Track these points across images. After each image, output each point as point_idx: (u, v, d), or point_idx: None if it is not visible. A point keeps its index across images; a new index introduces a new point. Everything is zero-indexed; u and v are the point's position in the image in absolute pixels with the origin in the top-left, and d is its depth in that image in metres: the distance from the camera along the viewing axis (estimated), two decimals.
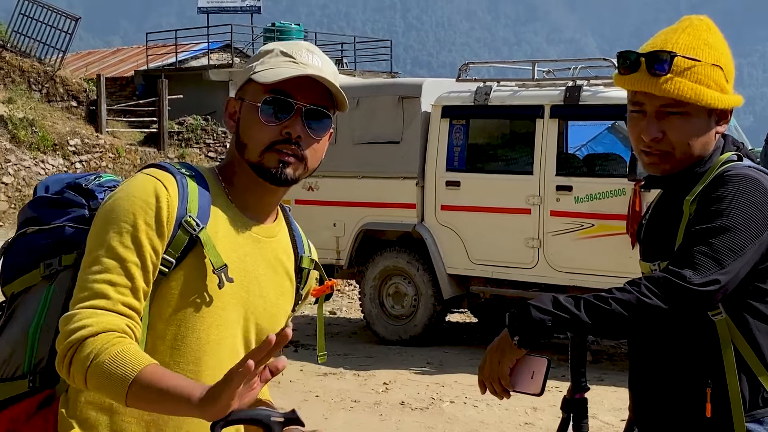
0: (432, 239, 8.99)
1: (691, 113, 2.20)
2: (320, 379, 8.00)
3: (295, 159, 1.89)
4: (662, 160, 2.23)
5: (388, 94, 9.25)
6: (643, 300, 2.03)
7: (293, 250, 2.03)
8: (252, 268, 1.92)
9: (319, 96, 1.89)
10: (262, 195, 1.95)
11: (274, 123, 1.88)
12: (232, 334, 1.89)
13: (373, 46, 31.60)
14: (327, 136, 1.94)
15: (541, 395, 2.11)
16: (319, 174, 9.56)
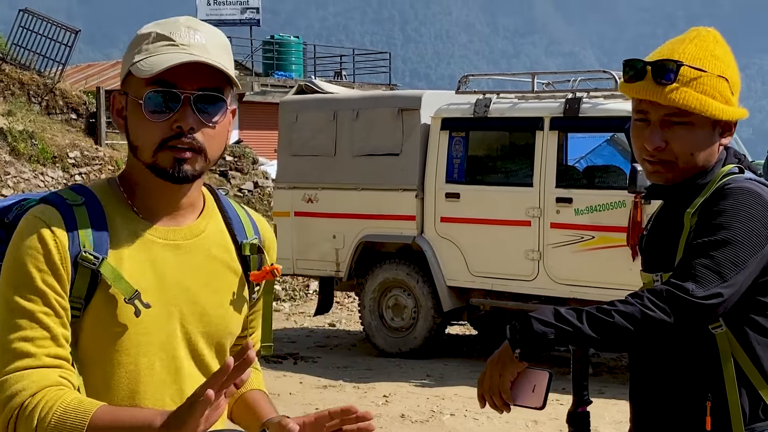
0: (432, 251, 8.98)
1: (695, 124, 2.19)
2: (320, 391, 7.97)
3: (192, 152, 1.73)
4: (665, 170, 2.22)
5: (387, 107, 9.25)
6: (646, 313, 2.01)
7: (232, 239, 1.88)
8: (176, 279, 1.78)
9: (208, 77, 1.73)
10: (169, 197, 1.79)
11: (162, 118, 1.72)
12: (167, 356, 1.77)
13: (372, 59, 31.66)
14: (225, 120, 1.77)
15: (542, 408, 2.09)
16: (319, 186, 9.58)
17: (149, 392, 1.76)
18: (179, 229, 1.81)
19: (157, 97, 1.71)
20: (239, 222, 1.90)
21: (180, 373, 1.78)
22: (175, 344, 1.78)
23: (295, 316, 11.76)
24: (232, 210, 1.92)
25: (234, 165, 23.95)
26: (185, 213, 1.83)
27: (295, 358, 9.18)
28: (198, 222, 1.84)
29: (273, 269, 1.88)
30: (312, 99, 9.86)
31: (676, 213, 2.25)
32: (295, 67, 27.20)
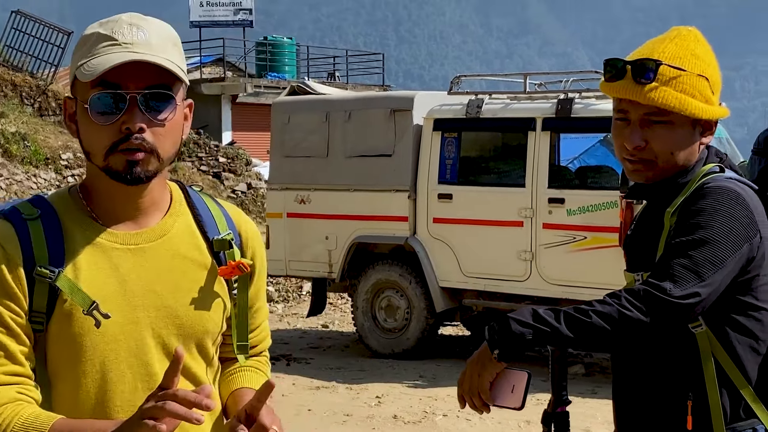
0: (424, 252, 8.97)
1: (675, 123, 2.19)
2: (312, 392, 7.97)
3: (144, 153, 1.70)
4: (645, 169, 2.22)
5: (380, 107, 9.25)
6: (623, 312, 2.01)
7: (203, 236, 1.84)
8: (141, 284, 1.76)
9: (155, 75, 1.69)
10: (127, 199, 1.77)
11: (109, 120, 1.69)
12: (138, 363, 1.75)
13: (365, 60, 31.66)
14: (177, 116, 1.74)
15: (521, 409, 2.09)
16: (311, 187, 9.57)
17: (120, 401, 1.74)
18: (141, 232, 1.78)
19: (103, 100, 1.69)
20: (210, 217, 1.86)
21: (153, 379, 1.75)
22: (146, 350, 1.76)
23: (288, 317, 11.75)
24: (203, 205, 1.88)
25: (227, 166, 23.94)
26: (149, 214, 1.80)
27: (288, 360, 9.17)
28: (163, 222, 1.81)
29: (240, 264, 1.84)
30: (304, 100, 9.86)
31: (657, 213, 2.25)
32: (288, 69, 27.20)
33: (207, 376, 1.85)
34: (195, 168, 23.24)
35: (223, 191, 23.39)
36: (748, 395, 2.17)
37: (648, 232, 2.26)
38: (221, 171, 23.63)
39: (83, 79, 1.68)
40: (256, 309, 1.96)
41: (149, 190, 1.78)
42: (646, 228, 2.29)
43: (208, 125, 25.04)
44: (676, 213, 2.17)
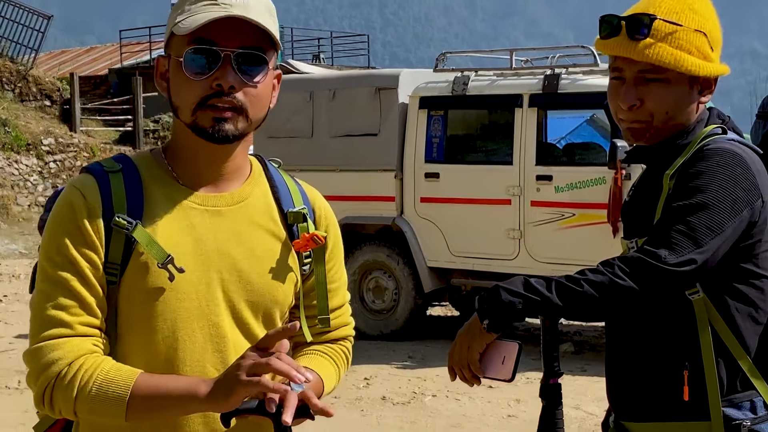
0: (412, 232, 8.88)
1: (671, 80, 2.10)
2: None
3: (233, 112, 1.71)
4: (641, 130, 2.14)
5: (364, 86, 9.12)
6: (615, 281, 1.94)
7: (278, 208, 1.84)
8: (216, 245, 1.75)
9: (250, 37, 1.71)
10: (211, 160, 1.77)
11: (202, 76, 1.70)
12: (208, 323, 1.74)
13: (351, 42, 31.47)
14: (268, 80, 1.75)
15: (512, 381, 2.04)
16: (297, 168, 9.41)
17: (189, 359, 1.73)
18: (221, 195, 1.78)
19: (197, 56, 1.69)
20: (287, 190, 1.86)
21: (223, 341, 1.74)
22: (217, 311, 1.74)
23: None
24: (280, 178, 1.88)
25: None
26: (230, 179, 1.79)
27: None
28: (242, 188, 1.81)
29: (314, 236, 1.82)
30: (287, 79, 9.69)
31: (655, 176, 2.17)
32: None
33: None
34: None
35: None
36: (746, 366, 2.09)
37: (646, 196, 2.17)
38: None
39: (180, 32, 1.69)
40: (330, 290, 1.91)
41: (233, 156, 1.78)
42: (644, 192, 2.20)
43: None
44: (674, 176, 2.08)
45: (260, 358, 1.58)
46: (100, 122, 23.21)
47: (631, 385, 2.18)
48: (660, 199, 2.09)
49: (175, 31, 1.71)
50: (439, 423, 6.48)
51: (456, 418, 6.55)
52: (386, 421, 6.62)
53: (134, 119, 22.58)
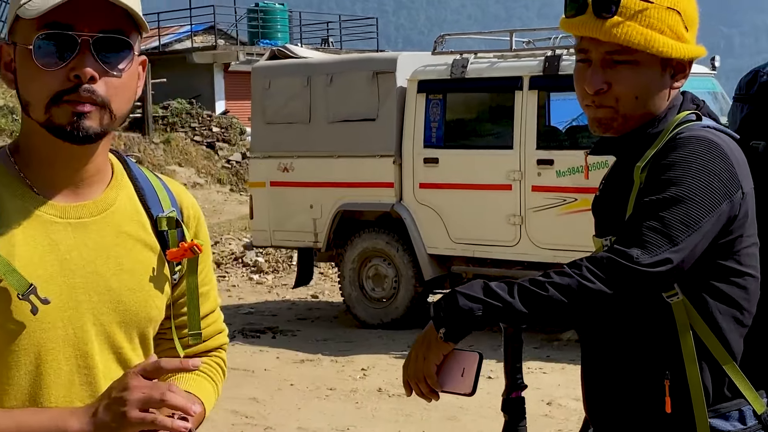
0: (411, 219, 8.71)
1: (640, 62, 1.93)
2: (296, 366, 7.73)
3: (94, 106, 1.48)
4: (608, 117, 1.96)
5: (362, 70, 8.95)
6: (584, 284, 1.77)
7: (146, 213, 1.63)
8: (83, 263, 1.54)
9: (112, 18, 1.48)
10: (70, 163, 1.54)
11: (56, 66, 1.47)
12: (76, 353, 1.54)
13: (360, 25, 31.23)
14: (133, 68, 1.52)
15: (472, 395, 1.86)
16: (294, 154, 9.29)
17: (54, 395, 1.53)
18: (83, 205, 1.56)
19: (50, 42, 1.47)
20: (153, 193, 1.65)
21: (92, 372, 1.55)
22: (85, 339, 1.54)
23: (278, 288, 11.51)
24: (145, 179, 1.66)
25: (221, 136, 23.64)
26: (91, 183, 1.57)
27: (274, 332, 8.93)
28: (106, 194, 1.59)
29: (193, 246, 1.64)
30: (285, 64, 9.55)
31: (626, 169, 1.99)
32: (280, 35, 26.78)
33: None
34: (188, 138, 22.93)
35: (217, 161, 23.11)
36: (732, 372, 1.91)
37: (616, 191, 2.00)
38: (215, 141, 23.33)
39: (27, 15, 1.46)
40: (201, 294, 1.72)
41: (95, 156, 1.55)
42: (614, 187, 2.03)
43: (200, 95, 24.72)
44: (646, 168, 1.91)
45: (149, 389, 1.40)
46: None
47: (608, 397, 2.02)
48: (631, 194, 1.93)
49: (20, 14, 1.48)
50: (435, 415, 6.32)
51: (452, 411, 6.39)
52: (381, 413, 6.47)
53: (143, 106, 22.44)
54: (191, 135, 23.09)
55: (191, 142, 22.97)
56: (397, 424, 6.27)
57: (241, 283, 11.76)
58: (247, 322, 9.42)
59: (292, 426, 6.22)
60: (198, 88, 25.15)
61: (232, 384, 7.18)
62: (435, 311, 1.85)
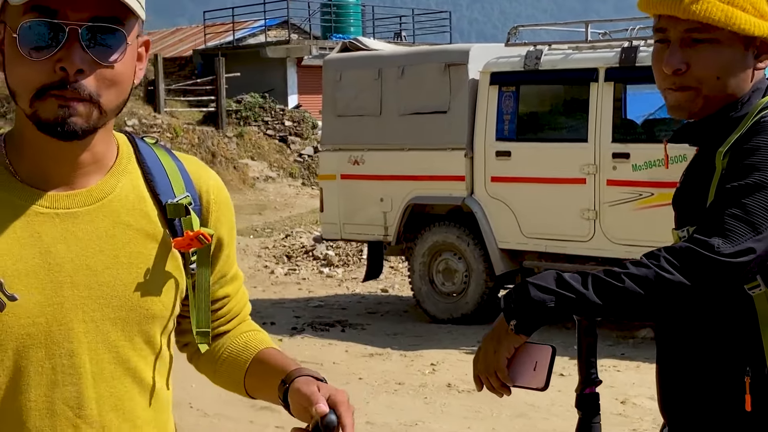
0: (482, 213, 8.59)
1: (721, 41, 1.85)
2: (365, 360, 7.68)
3: (82, 102, 1.37)
4: (689, 100, 1.88)
5: (434, 62, 8.85)
6: (662, 275, 1.69)
7: (155, 200, 1.52)
8: (70, 256, 1.45)
9: (104, 3, 1.37)
10: (59, 154, 1.44)
11: (42, 56, 1.36)
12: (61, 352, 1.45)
13: (433, 19, 31.08)
14: (128, 57, 1.41)
15: (545, 389, 1.80)
16: (365, 147, 9.24)
17: (34, 395, 1.44)
18: (75, 194, 1.46)
19: (36, 29, 1.36)
20: (164, 177, 1.53)
21: (77, 372, 1.45)
22: (71, 337, 1.44)
23: (348, 281, 11.49)
24: (155, 162, 1.54)
25: (293, 130, 23.75)
26: (88, 172, 1.47)
27: (343, 326, 8.90)
28: (103, 182, 1.48)
29: (199, 235, 1.51)
30: (356, 57, 9.50)
31: (707, 156, 1.89)
32: (353, 29, 26.79)
33: (154, 370, 1.53)
34: (261, 132, 23.09)
35: (289, 155, 23.22)
36: None
37: (697, 180, 1.91)
38: (287, 135, 23.45)
39: (13, 1, 1.37)
40: (231, 277, 1.65)
41: (90, 146, 1.45)
42: (695, 176, 1.94)
43: (273, 89, 24.87)
44: (728, 153, 1.82)
45: None
46: (184, 103, 23.37)
47: (685, 395, 1.92)
48: (712, 181, 1.84)
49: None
50: (505, 413, 6.21)
51: (522, 408, 6.27)
52: (450, 409, 6.38)
53: (217, 100, 22.67)
54: (264, 129, 23.25)
55: (264, 136, 23.13)
56: (467, 420, 6.18)
57: (311, 276, 11.76)
58: (316, 315, 9.41)
59: (360, 420, 6.16)
60: (271, 82, 25.30)
61: None
62: (505, 303, 1.79)
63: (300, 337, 8.48)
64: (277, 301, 10.29)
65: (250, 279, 11.73)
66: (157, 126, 21.14)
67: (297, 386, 1.48)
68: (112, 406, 1.47)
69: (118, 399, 1.48)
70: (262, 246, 13.51)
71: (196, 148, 21.35)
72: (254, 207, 19.40)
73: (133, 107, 21.41)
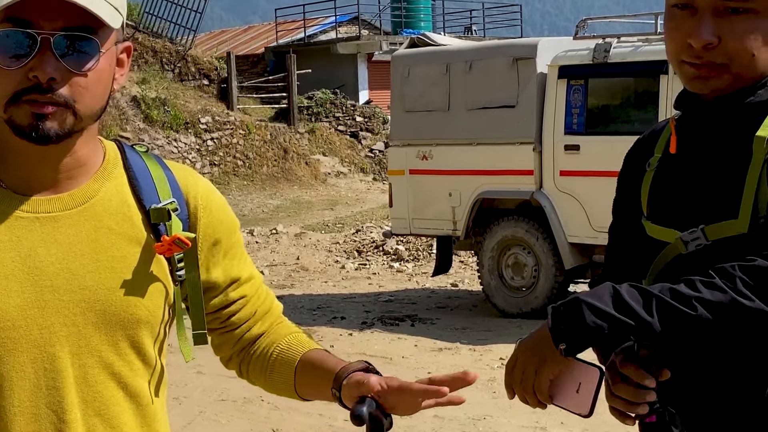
0: (551, 207, 8.56)
1: (760, 12, 1.59)
2: (434, 354, 7.72)
3: (56, 107, 1.39)
4: (713, 75, 1.62)
5: (501, 56, 8.83)
6: (739, 302, 1.48)
7: (139, 205, 1.53)
8: (51, 260, 1.45)
9: (76, 13, 1.38)
10: (41, 159, 1.45)
11: (15, 65, 1.38)
12: (42, 355, 1.45)
13: (504, 12, 30.93)
14: (103, 64, 1.43)
15: (589, 416, 1.63)
16: (433, 142, 9.27)
17: (18, 400, 1.44)
18: (56, 198, 1.47)
19: (8, 38, 1.38)
20: (149, 182, 1.54)
21: (59, 375, 1.45)
22: (52, 341, 1.45)
23: (418, 276, 11.53)
24: (142, 167, 1.55)
25: (364, 126, 23.89)
26: (72, 176, 1.49)
27: (413, 320, 8.95)
28: (86, 186, 1.49)
29: (176, 239, 1.51)
30: (424, 52, 9.53)
31: (725, 140, 1.65)
32: (423, 24, 26.82)
33: (143, 378, 1.53)
34: (332, 128, 23.28)
35: (360, 150, 23.38)
36: None
37: (710, 168, 1.66)
38: (358, 130, 23.61)
39: None
40: (245, 279, 1.66)
41: (72, 151, 1.47)
42: (702, 164, 1.68)
43: (344, 85, 25.03)
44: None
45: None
46: (256, 100, 23.66)
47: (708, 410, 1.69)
48: (750, 171, 1.58)
49: None
50: None
51: None
52: (518, 404, 6.32)
53: (288, 96, 22.90)
54: (335, 125, 23.43)
55: (335, 132, 23.31)
56: (535, 414, 6.17)
57: (381, 271, 11.84)
58: (386, 309, 9.48)
59: (428, 414, 6.20)
60: (342, 78, 25.47)
61: None
62: (554, 321, 1.57)
63: (370, 331, 8.55)
64: (348, 296, 10.39)
65: (320, 274, 11.87)
66: (230, 123, 21.44)
67: (348, 383, 1.52)
68: (96, 411, 1.47)
69: (102, 404, 1.47)
70: (332, 241, 13.63)
71: (268, 144, 21.61)
72: (325, 202, 19.58)
73: (206, 105, 21.75)
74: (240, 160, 21.04)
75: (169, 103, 20.80)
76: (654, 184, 1.77)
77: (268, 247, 13.49)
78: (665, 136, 1.82)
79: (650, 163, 1.80)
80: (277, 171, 21.33)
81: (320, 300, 10.18)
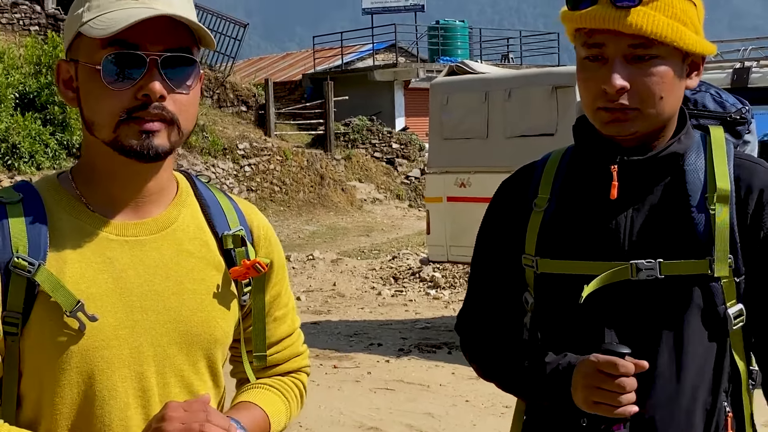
0: None
1: (664, 58, 1.69)
2: (472, 383, 7.69)
3: (163, 124, 1.47)
4: (627, 118, 1.71)
5: (541, 85, 8.85)
6: None
7: (212, 232, 1.60)
8: (139, 281, 1.51)
9: (176, 36, 1.48)
10: (131, 181, 1.53)
11: (125, 86, 1.46)
12: (131, 374, 1.50)
13: (541, 41, 30.97)
14: (196, 85, 1.52)
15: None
16: (471, 170, 9.28)
17: (108, 418, 1.50)
18: (141, 223, 1.55)
19: (118, 62, 1.46)
20: (220, 210, 1.63)
21: (147, 395, 1.51)
22: (141, 360, 1.51)
23: (454, 303, 11.49)
24: (212, 198, 1.64)
25: (400, 152, 23.97)
26: (153, 201, 1.56)
27: (450, 348, 8.92)
28: (167, 212, 1.57)
29: (256, 263, 1.59)
30: (462, 80, 9.57)
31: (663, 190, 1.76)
32: (461, 52, 26.92)
33: (215, 396, 1.60)
34: (368, 155, 23.37)
35: (396, 177, 23.44)
36: None
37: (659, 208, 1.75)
38: (395, 157, 23.68)
39: (92, 35, 1.46)
40: (276, 318, 1.70)
41: (158, 174, 1.55)
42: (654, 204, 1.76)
43: (381, 111, 25.14)
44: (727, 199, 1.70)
45: (189, 419, 1.39)
46: (294, 126, 23.82)
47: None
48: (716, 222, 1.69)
49: (86, 33, 1.47)
50: None
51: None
52: None
53: (326, 123, 23.04)
54: (371, 151, 23.52)
55: (371, 158, 23.40)
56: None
57: (417, 298, 11.83)
58: (423, 336, 9.46)
59: None
60: (378, 104, 25.59)
61: (407, 398, 7.24)
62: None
63: (407, 358, 8.54)
64: (384, 323, 10.39)
65: (356, 300, 11.88)
66: (267, 149, 21.60)
67: None
68: None
69: None
70: (369, 267, 13.65)
71: (305, 170, 21.74)
72: (362, 229, 19.62)
73: (244, 131, 21.93)
74: (277, 186, 21.17)
75: (208, 129, 21.00)
76: (549, 224, 1.86)
77: (305, 272, 13.53)
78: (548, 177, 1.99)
79: (536, 204, 1.90)
80: (314, 197, 21.44)
81: (357, 326, 10.18)
